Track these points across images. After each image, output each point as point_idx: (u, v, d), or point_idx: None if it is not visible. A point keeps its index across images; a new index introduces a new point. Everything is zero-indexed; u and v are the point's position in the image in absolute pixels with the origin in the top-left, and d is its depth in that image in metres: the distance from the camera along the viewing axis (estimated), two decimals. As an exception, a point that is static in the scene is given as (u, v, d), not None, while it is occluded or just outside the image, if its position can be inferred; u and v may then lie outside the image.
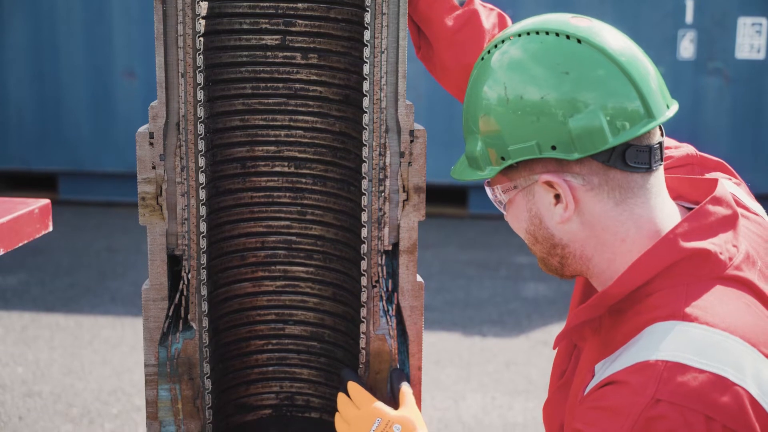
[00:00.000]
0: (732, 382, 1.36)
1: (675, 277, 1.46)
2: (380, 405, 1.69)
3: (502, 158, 1.50)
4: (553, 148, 1.45)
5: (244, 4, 1.78)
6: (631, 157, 1.46)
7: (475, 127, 1.54)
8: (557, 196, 1.50)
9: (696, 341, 1.39)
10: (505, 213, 1.61)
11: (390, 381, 1.79)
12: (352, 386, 1.72)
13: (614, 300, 1.49)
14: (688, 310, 1.42)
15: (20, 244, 2.17)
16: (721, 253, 1.47)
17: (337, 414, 1.74)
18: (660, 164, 1.50)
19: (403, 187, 1.77)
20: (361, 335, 1.79)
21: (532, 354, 5.10)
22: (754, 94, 7.24)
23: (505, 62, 1.51)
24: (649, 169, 1.48)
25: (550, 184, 1.49)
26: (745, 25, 7.17)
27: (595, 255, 1.55)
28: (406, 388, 1.75)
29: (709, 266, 1.47)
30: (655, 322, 1.43)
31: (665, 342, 1.40)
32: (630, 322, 1.47)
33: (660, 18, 7.24)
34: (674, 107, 1.51)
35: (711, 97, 7.18)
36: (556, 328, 5.44)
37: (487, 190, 1.60)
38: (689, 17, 7.20)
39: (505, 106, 1.48)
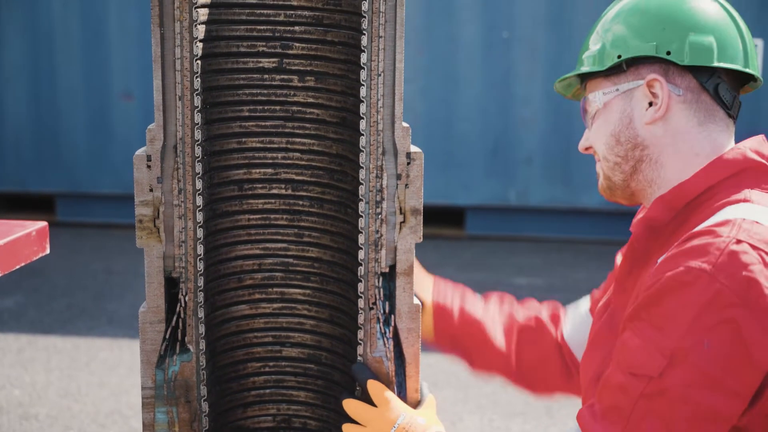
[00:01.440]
0: None
1: (738, 185, 1.72)
2: (403, 403, 1.76)
3: (619, 56, 1.79)
4: (668, 53, 1.75)
5: (242, 27, 1.79)
6: (722, 91, 1.77)
7: (605, 32, 1.83)
8: (651, 104, 1.78)
9: (766, 212, 1.65)
10: (591, 120, 1.86)
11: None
12: (373, 384, 1.76)
13: (689, 197, 1.73)
14: (754, 198, 1.69)
15: (17, 267, 2.17)
16: None
17: (346, 426, 1.77)
18: (734, 121, 1.82)
19: (400, 209, 1.77)
20: (358, 357, 1.79)
21: (530, 375, 5.09)
22: (750, 113, 7.27)
23: None
24: (729, 112, 1.79)
25: (651, 86, 1.77)
26: (740, 47, 7.21)
27: (668, 163, 1.79)
28: (431, 397, 1.84)
29: (763, 177, 1.75)
30: (726, 206, 1.68)
31: (740, 209, 1.65)
32: (695, 219, 1.69)
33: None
34: (759, 82, 1.86)
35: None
36: (554, 349, 5.42)
37: (584, 101, 1.88)
38: (685, 38, 7.24)
39: (640, 14, 1.79)
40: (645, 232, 1.78)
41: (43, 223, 2.28)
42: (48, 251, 2.28)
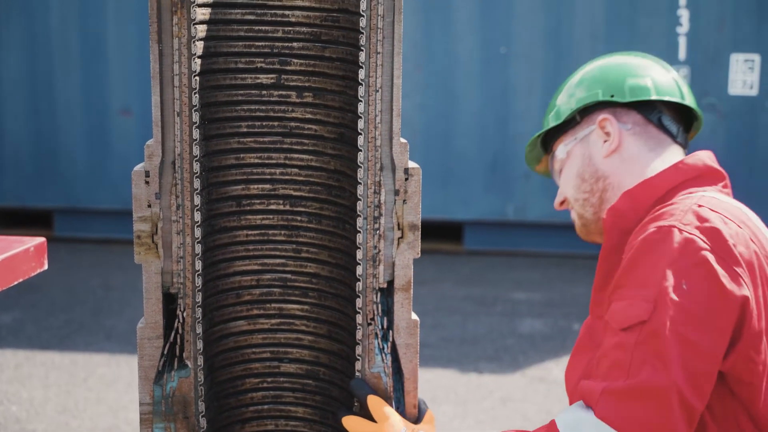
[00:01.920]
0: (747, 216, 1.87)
1: (696, 185, 1.93)
2: (402, 418, 1.76)
3: (573, 110, 2.07)
4: (612, 96, 2.03)
5: (240, 43, 1.80)
6: (665, 121, 2.03)
7: (568, 96, 2.10)
8: (605, 142, 2.03)
9: (719, 195, 1.88)
10: (560, 173, 2.11)
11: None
12: (373, 399, 1.76)
13: (654, 194, 1.91)
14: (710, 191, 1.90)
15: (15, 282, 2.17)
16: (726, 176, 1.99)
17: None
18: (681, 147, 2.06)
19: (398, 224, 1.77)
20: (357, 373, 1.79)
21: (529, 391, 5.09)
22: (748, 129, 7.28)
23: (594, 62, 2.16)
24: (677, 140, 2.04)
25: (603, 127, 2.03)
26: (737, 62, 7.22)
27: (630, 186, 1.98)
28: (430, 412, 1.85)
29: (721, 181, 1.96)
30: (685, 197, 1.87)
31: (696, 194, 1.87)
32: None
33: (653, 55, 7.28)
34: (701, 122, 2.13)
35: (705, 133, 7.19)
36: (553, 365, 5.42)
37: (551, 161, 2.15)
38: (682, 54, 7.25)
39: (589, 77, 2.09)
40: (615, 229, 1.93)
41: (42, 239, 2.28)
42: (46, 267, 2.28)
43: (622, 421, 1.65)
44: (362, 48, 1.71)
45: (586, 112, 2.06)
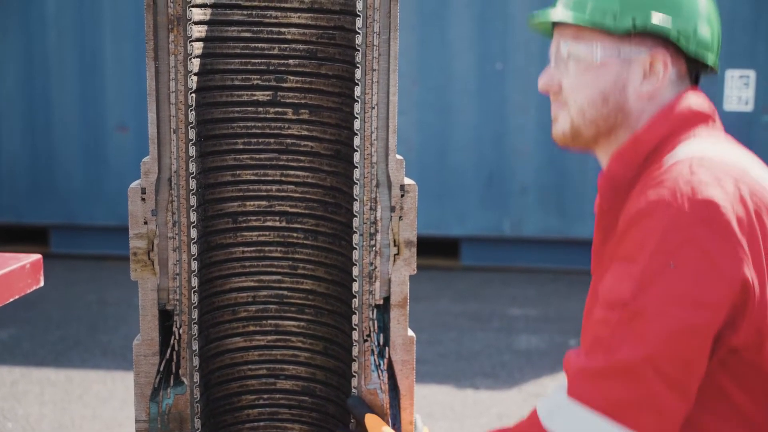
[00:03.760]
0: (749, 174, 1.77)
1: (685, 132, 1.82)
2: None
3: (633, 20, 1.80)
4: (678, 38, 1.80)
5: (236, 60, 1.80)
6: (697, 79, 1.88)
7: (641, 8, 1.82)
8: (646, 79, 1.82)
9: (710, 147, 1.78)
10: (569, 64, 1.85)
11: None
12: (371, 418, 1.76)
13: (645, 148, 1.81)
14: (702, 134, 1.81)
15: (11, 300, 2.17)
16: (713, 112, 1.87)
17: None
18: None
19: (394, 241, 1.77)
20: (353, 390, 1.78)
21: (525, 407, 5.08)
22: (743, 145, 7.29)
23: None
24: None
25: (654, 63, 1.80)
26: (732, 78, 7.24)
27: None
28: (426, 430, 1.84)
29: (710, 120, 1.86)
30: (677, 146, 1.79)
31: (690, 146, 1.77)
32: (653, 171, 1.78)
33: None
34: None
35: (700, 149, 7.21)
36: (549, 381, 5.42)
37: (578, 47, 1.84)
38: (677, 70, 7.27)
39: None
40: (610, 190, 1.84)
41: (37, 256, 2.28)
42: (42, 284, 2.28)
43: (597, 401, 1.65)
44: (358, 65, 1.72)
45: (644, 29, 1.81)
